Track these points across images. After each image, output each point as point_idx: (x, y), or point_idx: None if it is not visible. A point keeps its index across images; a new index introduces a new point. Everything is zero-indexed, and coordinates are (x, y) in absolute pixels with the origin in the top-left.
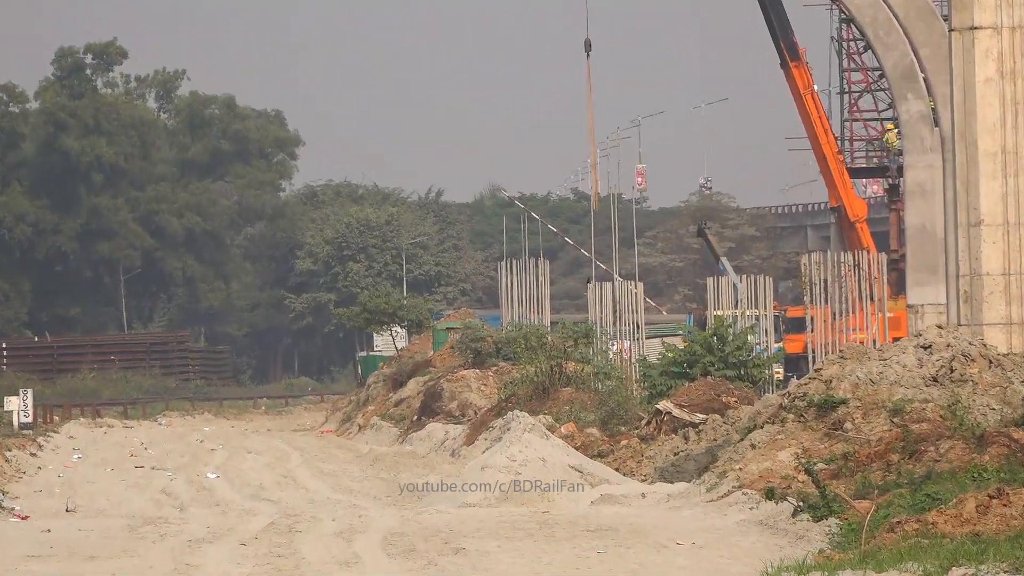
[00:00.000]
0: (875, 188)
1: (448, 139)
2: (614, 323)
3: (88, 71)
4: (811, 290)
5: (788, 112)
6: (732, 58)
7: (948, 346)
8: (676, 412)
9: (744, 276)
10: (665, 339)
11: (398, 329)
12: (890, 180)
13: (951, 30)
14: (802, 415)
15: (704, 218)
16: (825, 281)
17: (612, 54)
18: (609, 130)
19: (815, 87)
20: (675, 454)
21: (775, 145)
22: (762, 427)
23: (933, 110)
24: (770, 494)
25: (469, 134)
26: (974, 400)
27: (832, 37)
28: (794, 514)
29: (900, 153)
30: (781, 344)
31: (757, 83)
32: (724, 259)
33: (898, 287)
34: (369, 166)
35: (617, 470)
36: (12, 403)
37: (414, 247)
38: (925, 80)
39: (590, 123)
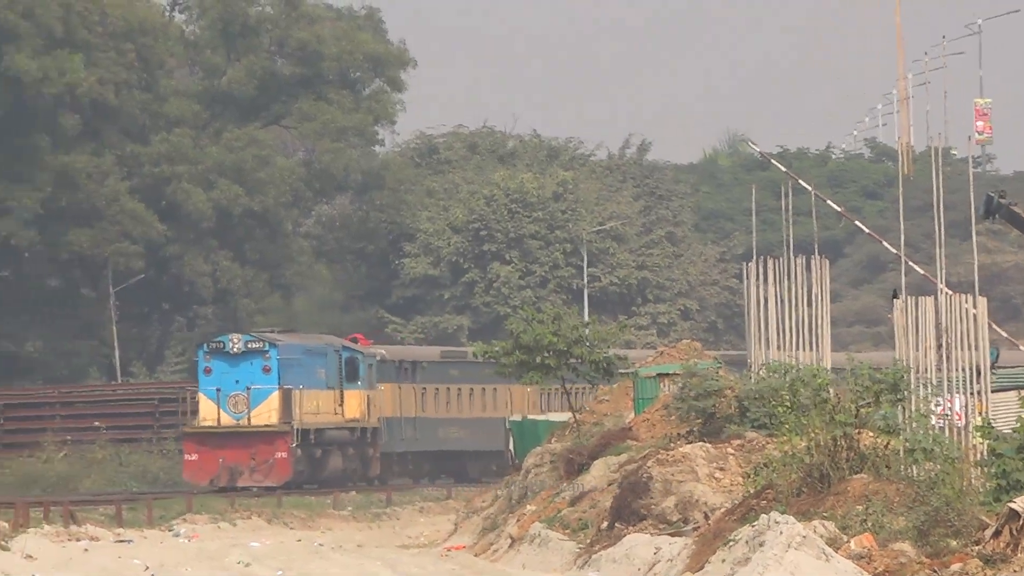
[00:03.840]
0: None
1: (656, 59)
2: (939, 366)
3: None
4: None
5: None
6: None
7: None
8: None
9: None
10: None
11: (572, 378)
12: None
13: None
14: None
15: None
16: None
17: None
18: (930, 40)
19: None
20: None
21: None
22: None
23: None
24: None
25: (692, 51)
26: None
27: None
28: None
29: None
30: None
31: None
32: None
33: None
34: (524, 105)
35: None
36: None
37: (602, 238)
38: None
39: (897, 26)
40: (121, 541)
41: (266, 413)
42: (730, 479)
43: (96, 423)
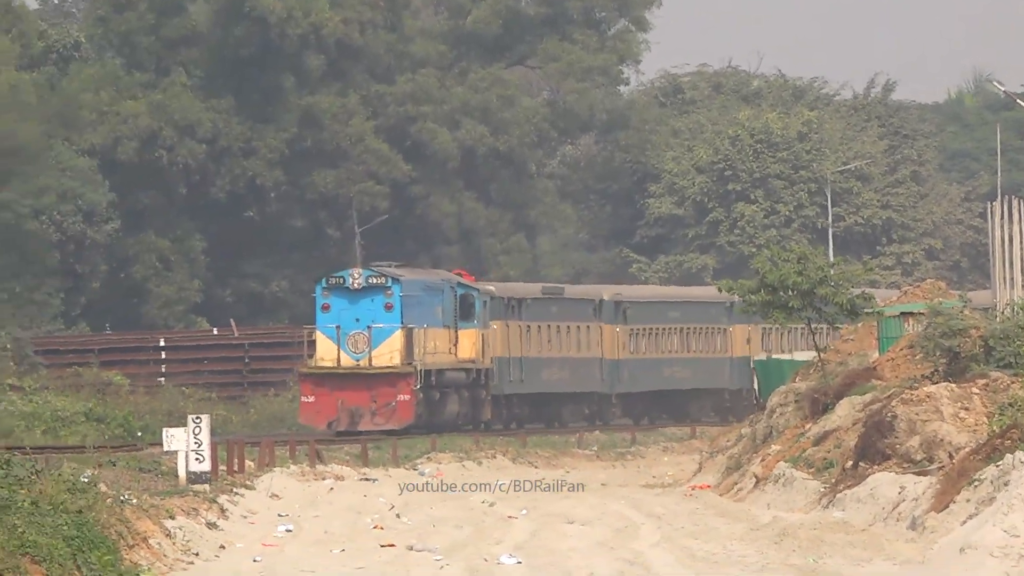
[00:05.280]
0: None
1: None
2: None
3: None
4: None
5: None
6: None
7: None
8: None
9: None
10: None
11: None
12: None
13: None
14: None
15: None
16: None
17: None
18: None
19: None
20: None
21: None
22: None
23: None
24: None
25: None
26: None
27: None
28: None
29: None
30: None
31: None
32: None
33: None
34: (769, 45)
35: None
36: (176, 439)
37: (846, 178)
38: None
39: None
40: (366, 480)
41: (387, 354)
42: (975, 419)
43: None
